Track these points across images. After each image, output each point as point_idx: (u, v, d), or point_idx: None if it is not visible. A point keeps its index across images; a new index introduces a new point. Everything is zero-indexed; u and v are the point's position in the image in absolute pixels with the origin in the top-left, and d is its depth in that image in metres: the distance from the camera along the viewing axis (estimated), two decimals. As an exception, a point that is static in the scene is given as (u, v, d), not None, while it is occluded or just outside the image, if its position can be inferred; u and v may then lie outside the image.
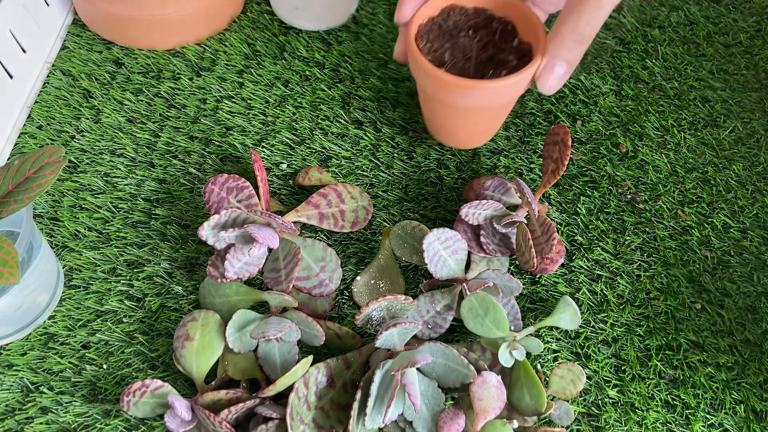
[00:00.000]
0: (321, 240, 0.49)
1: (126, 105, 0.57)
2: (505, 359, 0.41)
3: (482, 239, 0.47)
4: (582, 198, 0.51)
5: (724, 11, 0.62)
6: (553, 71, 0.43)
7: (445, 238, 0.45)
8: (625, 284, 0.48)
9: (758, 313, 0.47)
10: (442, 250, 0.45)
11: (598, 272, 0.48)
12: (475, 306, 0.41)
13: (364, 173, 0.53)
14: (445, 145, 0.54)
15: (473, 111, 0.47)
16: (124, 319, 0.47)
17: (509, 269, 0.48)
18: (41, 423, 0.43)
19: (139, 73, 0.59)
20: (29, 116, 0.56)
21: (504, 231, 0.47)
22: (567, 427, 0.43)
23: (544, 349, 0.45)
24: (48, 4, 0.59)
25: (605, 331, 0.46)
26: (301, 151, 0.54)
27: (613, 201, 0.51)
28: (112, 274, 0.48)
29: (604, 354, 0.45)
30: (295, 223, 0.49)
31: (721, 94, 0.57)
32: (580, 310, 0.47)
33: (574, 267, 0.48)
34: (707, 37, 0.60)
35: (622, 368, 0.45)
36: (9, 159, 0.54)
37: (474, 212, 0.46)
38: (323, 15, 0.60)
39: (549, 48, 0.43)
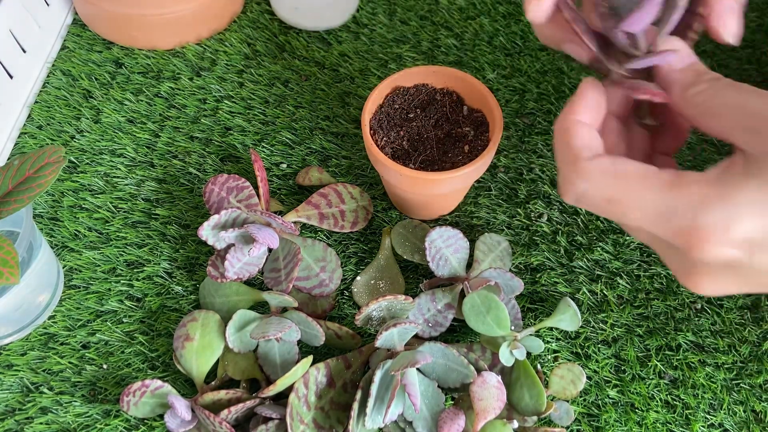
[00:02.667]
0: (321, 240, 0.49)
1: (126, 105, 0.57)
2: (506, 358, 0.41)
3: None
4: (582, 198, 0.51)
5: (725, 11, 0.62)
6: (730, 16, 0.34)
7: (447, 236, 0.45)
8: (625, 284, 0.48)
9: (758, 312, 0.46)
10: (444, 248, 0.45)
11: (598, 272, 0.48)
12: (477, 303, 0.41)
13: (364, 173, 0.53)
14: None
15: (443, 194, 0.47)
16: (124, 319, 0.47)
17: (510, 268, 0.48)
18: (41, 423, 0.43)
19: (139, 73, 0.59)
20: (29, 116, 0.56)
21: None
22: (567, 427, 0.43)
23: (544, 349, 0.45)
24: (48, 4, 0.59)
25: (605, 331, 0.46)
26: (301, 150, 0.54)
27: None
28: (112, 274, 0.48)
29: (604, 354, 0.45)
30: (295, 223, 0.49)
31: (722, 93, 0.57)
32: (580, 310, 0.46)
33: (574, 267, 0.48)
34: (707, 33, 0.60)
35: (622, 368, 0.45)
36: (9, 159, 0.54)
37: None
38: (323, 15, 0.60)
39: None
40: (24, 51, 0.56)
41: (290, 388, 0.40)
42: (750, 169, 0.29)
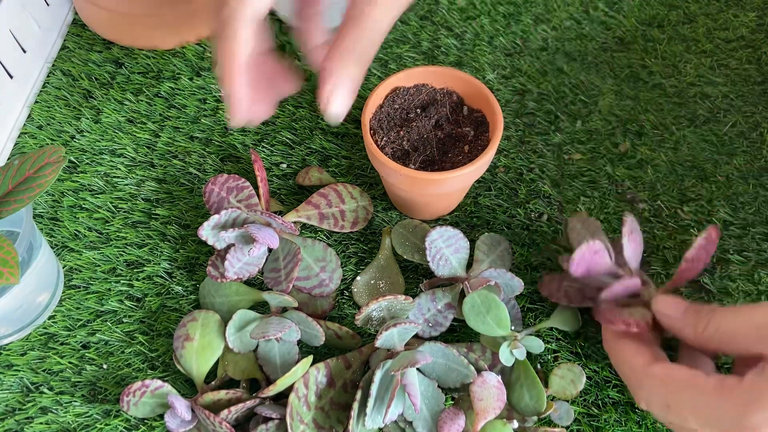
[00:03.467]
0: (321, 240, 0.49)
1: (126, 105, 0.57)
2: (506, 358, 0.41)
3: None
4: (582, 198, 0.51)
5: (724, 7, 0.62)
6: (340, 92, 0.38)
7: (448, 236, 0.45)
8: (625, 284, 0.48)
9: (758, 312, 0.46)
10: (445, 248, 0.45)
11: (598, 272, 0.48)
12: (477, 303, 0.41)
13: (364, 173, 0.53)
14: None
15: (443, 194, 0.47)
16: (124, 319, 0.47)
17: (511, 268, 0.48)
18: (41, 423, 0.43)
19: (139, 73, 0.59)
20: (29, 116, 0.56)
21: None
22: (567, 427, 0.42)
23: (544, 349, 0.45)
24: (48, 4, 0.59)
25: (605, 330, 0.46)
26: (301, 150, 0.54)
27: (612, 201, 0.51)
28: (112, 274, 0.48)
29: (604, 354, 0.45)
30: (295, 223, 0.49)
31: (722, 89, 0.57)
32: (580, 310, 0.46)
33: (574, 267, 0.48)
34: (707, 33, 0.60)
35: (622, 368, 0.45)
36: (9, 159, 0.54)
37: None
38: (323, 15, 0.60)
39: (332, 67, 0.37)
40: (24, 51, 0.56)
41: (290, 388, 0.40)
42: None
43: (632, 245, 0.42)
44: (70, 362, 0.45)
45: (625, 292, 0.42)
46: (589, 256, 0.40)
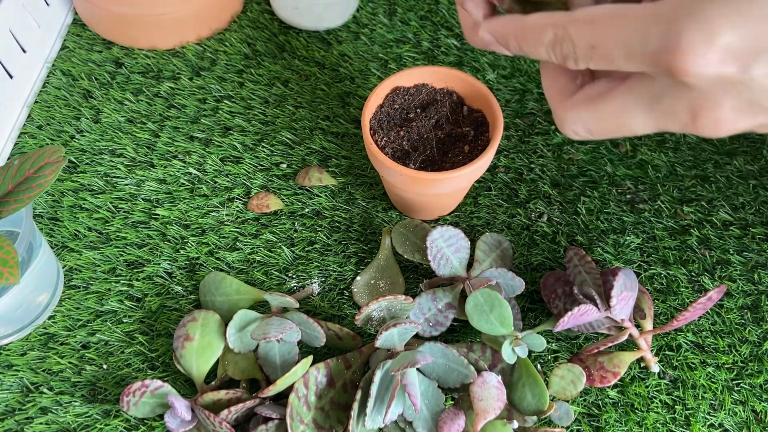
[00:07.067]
0: (321, 240, 0.49)
1: (126, 105, 0.57)
2: (508, 355, 0.40)
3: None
4: (582, 198, 0.51)
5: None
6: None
7: (449, 236, 0.45)
8: (625, 284, 0.48)
9: (758, 312, 0.46)
10: (446, 248, 0.45)
11: (598, 272, 0.48)
12: (480, 302, 0.41)
13: (364, 173, 0.53)
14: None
15: (443, 194, 0.47)
16: (124, 319, 0.47)
17: (511, 268, 0.48)
18: (41, 423, 0.43)
19: (139, 73, 0.59)
20: (29, 116, 0.56)
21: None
22: (567, 428, 0.43)
23: (544, 349, 0.45)
24: (48, 4, 0.59)
25: (605, 330, 0.46)
26: (301, 150, 0.54)
27: (612, 201, 0.51)
28: (112, 274, 0.48)
29: (604, 354, 0.45)
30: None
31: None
32: (580, 309, 0.46)
33: (574, 267, 0.48)
34: None
35: (622, 368, 0.45)
36: (9, 159, 0.54)
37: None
38: (323, 15, 0.60)
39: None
40: (24, 51, 0.56)
41: (290, 388, 0.40)
42: None
43: (621, 304, 0.41)
44: (70, 362, 0.45)
45: None
46: (576, 317, 0.41)
